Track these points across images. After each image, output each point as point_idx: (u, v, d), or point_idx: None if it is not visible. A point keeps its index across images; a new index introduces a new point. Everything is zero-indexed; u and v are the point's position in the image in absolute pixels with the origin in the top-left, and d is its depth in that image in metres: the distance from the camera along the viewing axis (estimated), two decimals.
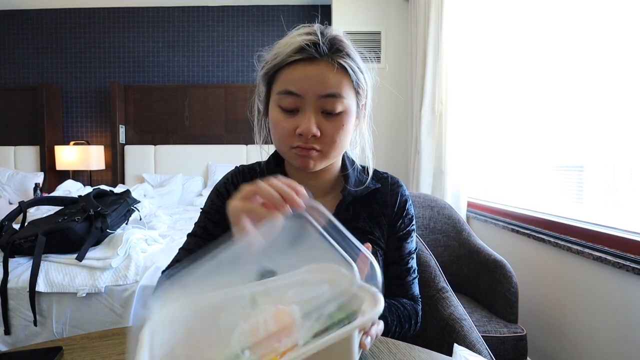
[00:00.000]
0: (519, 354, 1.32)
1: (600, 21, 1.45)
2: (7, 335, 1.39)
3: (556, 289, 1.53)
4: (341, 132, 0.64)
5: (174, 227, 2.24)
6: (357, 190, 0.73)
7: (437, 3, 2.38)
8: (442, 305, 0.90)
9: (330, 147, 0.64)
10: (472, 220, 2.31)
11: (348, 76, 0.63)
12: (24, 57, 3.84)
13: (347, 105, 0.64)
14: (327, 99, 0.62)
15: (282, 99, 0.63)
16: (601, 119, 1.45)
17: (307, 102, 0.62)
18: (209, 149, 3.71)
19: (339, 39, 0.64)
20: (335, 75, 0.62)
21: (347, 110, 0.64)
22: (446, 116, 2.34)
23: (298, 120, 0.63)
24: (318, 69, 0.62)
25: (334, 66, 0.62)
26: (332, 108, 0.62)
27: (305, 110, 0.62)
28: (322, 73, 0.62)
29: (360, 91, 0.67)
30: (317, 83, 0.61)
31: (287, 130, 0.63)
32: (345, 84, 0.63)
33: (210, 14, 3.84)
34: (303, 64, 0.62)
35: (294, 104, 0.63)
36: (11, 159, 3.67)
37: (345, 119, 0.64)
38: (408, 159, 2.95)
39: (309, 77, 0.61)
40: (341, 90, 0.63)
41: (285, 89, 0.63)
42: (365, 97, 0.70)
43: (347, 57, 0.64)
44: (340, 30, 0.67)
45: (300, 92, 0.62)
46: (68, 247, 1.51)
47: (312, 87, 0.61)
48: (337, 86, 0.62)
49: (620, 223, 1.29)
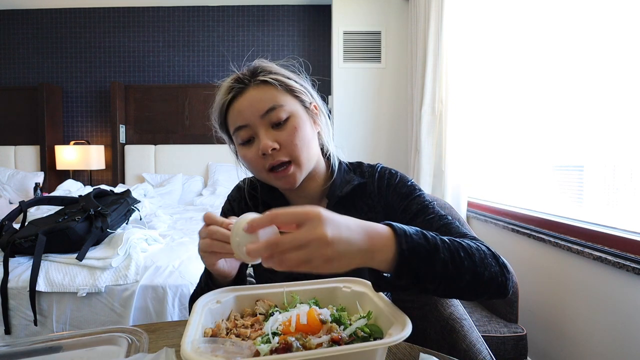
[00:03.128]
0: (519, 353, 1.32)
1: (600, 21, 1.45)
2: (7, 334, 1.40)
3: (556, 289, 1.53)
4: (297, 134, 0.67)
5: (174, 226, 2.24)
6: (341, 191, 0.74)
7: (437, 3, 2.38)
8: (442, 305, 0.90)
9: (296, 152, 0.67)
10: (472, 220, 2.31)
11: (275, 87, 0.68)
12: (24, 57, 3.84)
13: (290, 110, 0.68)
14: (269, 114, 0.67)
15: (237, 136, 0.69)
16: (601, 118, 1.45)
17: (255, 126, 0.67)
18: (209, 149, 3.71)
19: (257, 64, 0.71)
20: (265, 92, 0.67)
21: (294, 114, 0.68)
22: (446, 116, 2.34)
23: (257, 145, 0.68)
24: (248, 95, 0.68)
25: (262, 85, 0.68)
26: (277, 118, 0.67)
27: (257, 133, 0.67)
28: (253, 96, 0.67)
29: (299, 94, 0.71)
30: (253, 106, 0.67)
31: (254, 158, 0.68)
32: (277, 94, 0.68)
33: (210, 14, 3.84)
34: (236, 99, 0.68)
35: (247, 134, 0.68)
36: (11, 159, 3.67)
37: (296, 122, 0.68)
38: (408, 159, 2.95)
39: (244, 106, 0.67)
40: (276, 101, 0.67)
41: (235, 127, 0.69)
42: (311, 98, 0.73)
43: (269, 74, 0.69)
44: (340, 30, 0.69)
45: (245, 122, 0.67)
46: (68, 247, 1.51)
47: (251, 112, 0.67)
48: (271, 100, 0.67)
49: (620, 223, 1.29)
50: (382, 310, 0.50)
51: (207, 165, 3.69)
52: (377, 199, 0.76)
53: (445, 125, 2.35)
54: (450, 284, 0.50)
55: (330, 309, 0.52)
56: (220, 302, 0.54)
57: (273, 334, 0.46)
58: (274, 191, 0.78)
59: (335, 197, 0.73)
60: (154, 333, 0.64)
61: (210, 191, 3.35)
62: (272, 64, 0.73)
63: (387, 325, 0.46)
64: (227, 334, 0.48)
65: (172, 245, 1.79)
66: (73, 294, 1.42)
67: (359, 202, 0.75)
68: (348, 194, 0.74)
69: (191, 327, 0.45)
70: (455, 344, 0.82)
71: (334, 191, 0.74)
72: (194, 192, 3.48)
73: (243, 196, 0.81)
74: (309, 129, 0.70)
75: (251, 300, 0.57)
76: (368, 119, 3.21)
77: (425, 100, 2.48)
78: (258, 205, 0.79)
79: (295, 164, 0.68)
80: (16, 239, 1.47)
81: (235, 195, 0.82)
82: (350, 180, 0.75)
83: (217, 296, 0.55)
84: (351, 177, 0.76)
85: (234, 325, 0.50)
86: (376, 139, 3.24)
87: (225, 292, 0.56)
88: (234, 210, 0.81)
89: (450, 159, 2.31)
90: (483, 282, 0.52)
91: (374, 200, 0.76)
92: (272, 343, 0.43)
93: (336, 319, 0.50)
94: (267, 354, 0.42)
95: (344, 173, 0.77)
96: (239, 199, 0.81)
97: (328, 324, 0.47)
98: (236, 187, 0.84)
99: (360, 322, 0.49)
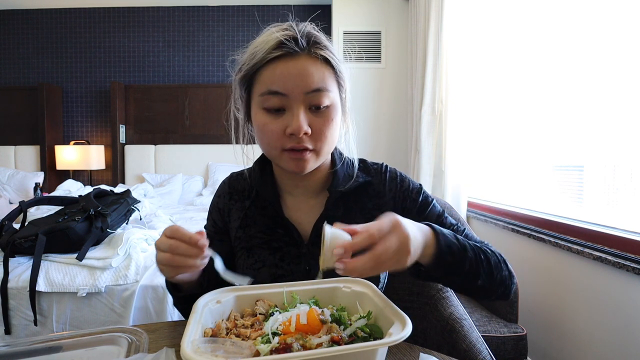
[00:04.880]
0: (519, 353, 1.32)
1: (600, 21, 1.45)
2: (7, 334, 1.40)
3: (556, 289, 1.53)
4: (331, 126, 0.62)
5: None
6: (345, 186, 0.70)
7: (437, 3, 2.38)
8: (442, 305, 0.90)
9: (322, 144, 0.63)
10: (472, 220, 2.31)
11: (330, 68, 0.62)
12: (24, 57, 3.84)
13: (333, 98, 0.62)
14: (314, 94, 0.60)
15: (266, 100, 0.60)
16: (601, 118, 1.45)
17: (294, 100, 0.59)
18: (209, 149, 3.71)
19: (315, 32, 0.63)
20: (319, 68, 0.60)
21: (334, 104, 0.63)
22: (446, 116, 2.34)
23: (286, 120, 0.60)
24: (300, 64, 0.59)
25: (316, 59, 0.60)
26: (319, 102, 0.60)
27: (293, 108, 0.60)
28: (305, 68, 0.59)
29: (342, 83, 0.66)
30: (302, 79, 0.59)
31: (276, 132, 0.61)
32: (328, 77, 0.61)
33: (210, 14, 3.84)
34: (284, 60, 0.59)
35: (279, 103, 0.60)
36: (11, 159, 3.67)
37: (333, 113, 0.63)
38: (408, 159, 2.94)
39: (292, 74, 0.59)
40: (326, 84, 0.61)
41: (268, 90, 0.60)
42: (345, 90, 0.68)
43: (327, 49, 0.62)
44: (340, 30, 0.67)
45: (285, 91, 0.59)
46: (68, 247, 1.51)
47: (297, 84, 0.59)
48: (322, 80, 0.60)
49: (620, 223, 1.29)
50: (382, 310, 0.50)
51: (207, 165, 3.69)
52: (387, 201, 0.73)
53: (445, 125, 2.35)
54: (471, 281, 0.58)
55: (330, 309, 0.52)
56: (220, 302, 0.54)
57: (273, 334, 0.46)
58: (264, 175, 0.73)
59: (338, 191, 0.70)
60: (154, 333, 0.64)
61: (210, 191, 3.35)
62: (324, 35, 0.64)
63: (387, 325, 0.46)
64: (227, 334, 0.48)
65: None
66: (73, 294, 1.41)
67: (364, 199, 0.72)
68: (352, 190, 0.71)
69: (191, 327, 0.45)
70: (455, 344, 0.82)
71: (336, 185, 0.70)
72: (194, 192, 3.48)
73: (227, 191, 0.77)
74: (338, 122, 0.65)
75: (251, 300, 0.57)
76: (368, 119, 3.21)
77: (425, 100, 2.48)
78: (245, 199, 0.75)
79: (316, 153, 0.63)
80: (16, 239, 1.47)
81: (221, 191, 0.79)
82: (353, 176, 0.72)
83: (217, 296, 0.55)
84: (355, 173, 0.73)
85: (234, 325, 0.50)
86: (376, 139, 3.24)
87: (225, 292, 0.56)
88: (219, 206, 0.77)
89: (450, 159, 2.31)
90: (495, 284, 0.60)
91: (382, 200, 0.73)
92: (272, 343, 0.43)
93: (336, 319, 0.50)
94: (267, 354, 0.42)
95: (347, 168, 0.73)
96: (223, 194, 0.78)
97: (328, 324, 0.47)
98: (222, 183, 0.80)
99: (360, 322, 0.49)
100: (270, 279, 0.67)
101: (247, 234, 0.72)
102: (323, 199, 0.71)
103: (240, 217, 0.74)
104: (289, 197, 0.74)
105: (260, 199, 0.73)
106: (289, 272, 0.69)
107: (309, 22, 0.65)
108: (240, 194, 0.76)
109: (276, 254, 0.69)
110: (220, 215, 0.77)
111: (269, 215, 0.72)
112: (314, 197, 0.73)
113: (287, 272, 0.68)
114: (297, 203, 0.73)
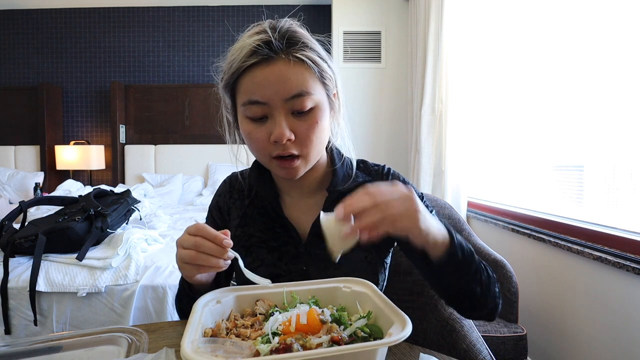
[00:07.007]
0: (519, 353, 1.32)
1: (600, 21, 1.45)
2: (7, 334, 1.40)
3: (556, 289, 1.53)
4: (316, 129, 0.61)
5: (174, 226, 2.24)
6: (344, 186, 0.69)
7: (437, 3, 2.38)
8: (442, 305, 0.90)
9: (309, 149, 0.61)
10: (472, 220, 2.31)
11: (310, 69, 0.59)
12: (24, 57, 3.84)
13: (317, 100, 0.60)
14: (294, 100, 0.58)
15: (248, 109, 0.60)
16: (601, 119, 1.45)
17: (274, 108, 0.58)
18: (209, 149, 3.71)
19: (292, 30, 0.60)
20: (297, 71, 0.58)
21: (318, 105, 0.60)
22: (446, 116, 2.34)
23: (270, 127, 0.59)
24: (276, 70, 0.57)
25: (295, 61, 0.58)
26: (302, 107, 0.59)
27: (274, 116, 0.59)
28: (282, 73, 0.57)
29: (327, 81, 0.62)
30: (280, 85, 0.57)
31: (261, 140, 0.60)
32: (309, 79, 0.59)
33: (210, 14, 3.84)
34: (260, 67, 0.57)
35: (261, 112, 0.59)
36: (11, 159, 3.67)
37: (318, 115, 0.61)
38: (408, 159, 2.95)
39: (269, 81, 0.57)
40: (307, 87, 0.58)
41: (248, 99, 0.59)
42: (335, 86, 0.65)
43: (306, 49, 0.59)
44: (340, 30, 0.66)
45: (264, 100, 0.58)
46: (68, 247, 1.51)
47: (275, 90, 0.57)
48: (301, 84, 0.58)
49: (620, 223, 1.29)
50: (382, 310, 0.50)
51: (207, 165, 3.69)
52: None
53: (445, 125, 2.35)
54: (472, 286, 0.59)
55: (330, 309, 0.52)
56: (220, 302, 0.54)
57: (273, 334, 0.46)
58: (263, 175, 0.73)
59: (337, 191, 0.69)
60: (154, 333, 0.64)
61: (210, 191, 3.35)
62: (305, 31, 0.62)
63: (387, 325, 0.46)
64: (227, 334, 0.48)
65: (172, 245, 1.79)
66: (73, 294, 1.42)
67: None
68: (351, 190, 0.68)
69: (191, 327, 0.45)
70: (455, 344, 0.82)
71: (335, 185, 0.69)
72: (194, 192, 3.48)
73: (228, 190, 0.77)
74: (326, 122, 0.63)
75: (251, 300, 0.57)
76: (368, 119, 3.21)
77: (425, 100, 2.48)
78: (244, 198, 0.75)
79: (303, 158, 0.62)
80: (16, 239, 1.47)
81: (222, 189, 0.78)
82: (352, 176, 0.71)
83: (217, 296, 0.55)
84: (354, 172, 0.72)
85: (234, 325, 0.50)
86: (376, 139, 3.24)
87: (225, 292, 0.56)
88: (219, 204, 0.77)
89: (450, 159, 2.32)
90: (489, 296, 0.61)
91: None
92: (272, 343, 0.43)
93: (336, 319, 0.50)
94: (267, 354, 0.42)
95: (347, 168, 0.72)
96: (224, 193, 0.78)
97: (328, 324, 0.47)
98: (223, 182, 0.80)
99: (360, 322, 0.49)
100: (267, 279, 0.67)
101: (245, 233, 0.72)
102: (321, 199, 0.71)
103: (239, 215, 0.74)
104: (287, 196, 0.74)
105: (260, 198, 0.73)
106: (287, 271, 0.68)
107: (288, 19, 0.62)
108: (240, 193, 0.76)
109: (274, 254, 0.69)
110: (220, 213, 0.77)
111: (268, 214, 0.72)
112: (312, 197, 0.73)
113: (284, 272, 0.68)
114: (295, 202, 0.73)
